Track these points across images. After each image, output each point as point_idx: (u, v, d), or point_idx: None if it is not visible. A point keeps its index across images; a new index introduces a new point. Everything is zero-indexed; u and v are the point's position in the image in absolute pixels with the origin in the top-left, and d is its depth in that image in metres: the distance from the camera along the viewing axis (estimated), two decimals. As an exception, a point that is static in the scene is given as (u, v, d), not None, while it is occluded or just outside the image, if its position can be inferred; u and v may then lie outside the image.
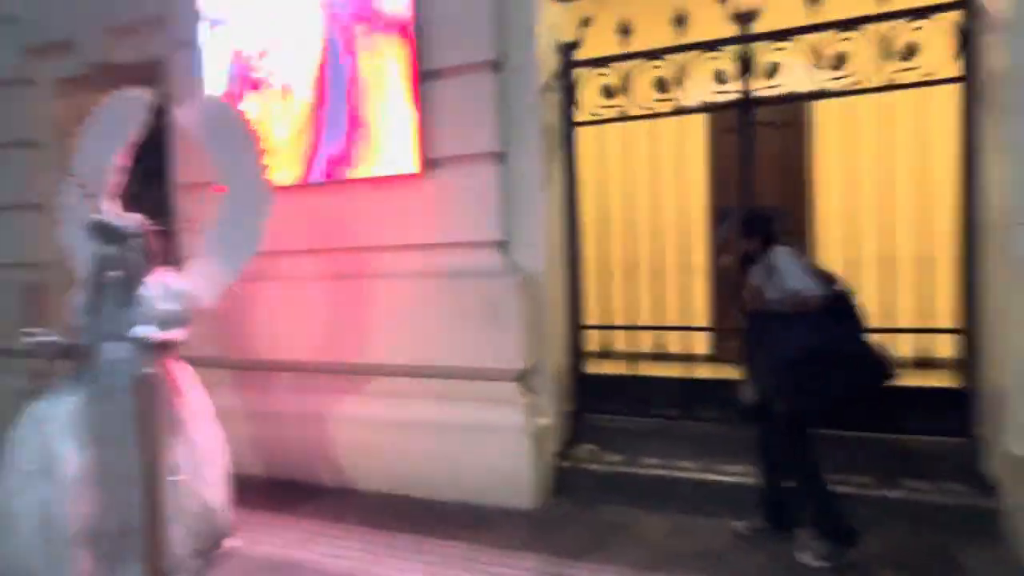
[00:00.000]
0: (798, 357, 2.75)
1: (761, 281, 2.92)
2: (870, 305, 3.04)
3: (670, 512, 3.34)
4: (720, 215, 3.11)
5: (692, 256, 4.45)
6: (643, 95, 3.76)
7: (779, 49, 3.51)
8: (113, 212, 3.06)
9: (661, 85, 3.73)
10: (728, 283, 3.18)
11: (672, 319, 4.06)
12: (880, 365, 2.82)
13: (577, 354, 3.96)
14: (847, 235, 3.82)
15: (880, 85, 3.37)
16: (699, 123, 4.94)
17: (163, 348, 2.94)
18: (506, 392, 3.60)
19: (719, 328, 3.93)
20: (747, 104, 3.62)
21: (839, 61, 3.42)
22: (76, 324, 3.03)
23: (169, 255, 3.36)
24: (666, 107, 3.75)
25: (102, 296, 2.96)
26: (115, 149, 3.33)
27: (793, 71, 3.51)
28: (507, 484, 3.50)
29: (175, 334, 2.97)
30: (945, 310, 3.46)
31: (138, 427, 2.83)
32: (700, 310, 4.58)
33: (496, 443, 3.53)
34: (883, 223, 3.91)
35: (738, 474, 3.37)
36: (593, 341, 4.05)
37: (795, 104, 4.38)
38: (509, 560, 2.96)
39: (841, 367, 2.75)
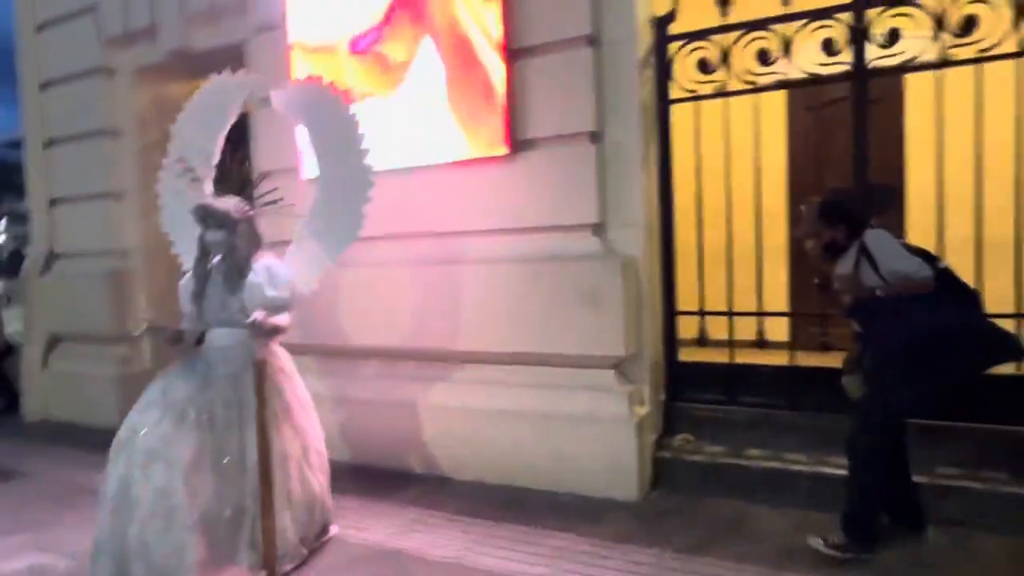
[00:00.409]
0: (917, 344, 2.56)
1: (854, 270, 2.71)
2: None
3: (782, 506, 3.19)
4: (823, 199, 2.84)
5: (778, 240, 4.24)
6: (741, 69, 3.57)
7: (900, 15, 3.27)
8: (218, 198, 3.03)
9: (764, 58, 3.53)
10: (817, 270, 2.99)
11: (772, 305, 3.87)
12: (1005, 342, 2.63)
13: (671, 341, 3.82)
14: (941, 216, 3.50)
15: (1018, 50, 3.11)
16: (780, 100, 4.70)
17: (272, 334, 2.91)
18: (606, 380, 3.50)
19: (821, 314, 3.72)
20: (863, 76, 3.39)
21: (968, 26, 3.18)
22: (184, 310, 3.03)
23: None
24: (769, 80, 3.56)
25: (209, 282, 2.95)
26: (216, 133, 3.30)
27: (902, 40, 3.26)
28: (609, 474, 3.40)
29: (283, 320, 2.94)
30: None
31: (252, 413, 2.83)
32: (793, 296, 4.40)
33: (598, 433, 3.42)
34: (978, 204, 3.56)
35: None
36: (687, 328, 3.90)
37: (888, 77, 4.03)
38: (626, 554, 2.85)
39: (964, 349, 2.59)
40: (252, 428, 2.82)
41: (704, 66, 3.63)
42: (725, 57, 3.57)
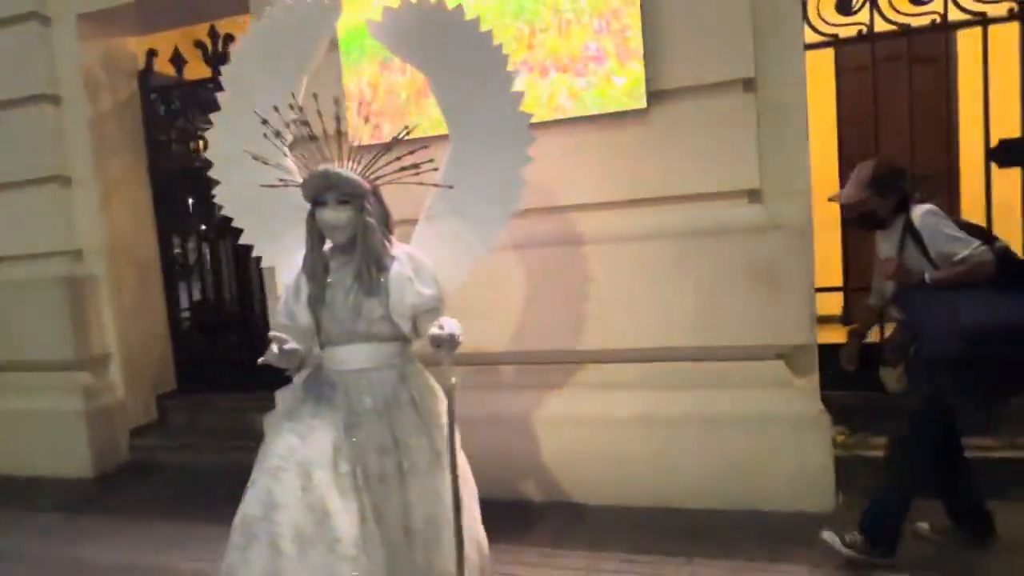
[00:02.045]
0: (975, 342, 2.21)
1: (901, 251, 2.41)
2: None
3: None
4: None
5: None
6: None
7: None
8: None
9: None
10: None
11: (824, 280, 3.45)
12: None
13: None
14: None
15: None
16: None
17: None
18: (779, 373, 2.96)
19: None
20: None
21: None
22: (281, 322, 2.16)
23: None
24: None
25: (330, 282, 2.11)
26: (298, 78, 2.42)
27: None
28: (797, 484, 2.88)
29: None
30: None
31: (416, 459, 2.05)
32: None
33: (779, 436, 2.89)
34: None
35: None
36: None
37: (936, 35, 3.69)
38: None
39: None
40: (418, 480, 2.04)
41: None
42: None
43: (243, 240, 2.49)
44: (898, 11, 3.19)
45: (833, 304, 3.89)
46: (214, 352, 4.76)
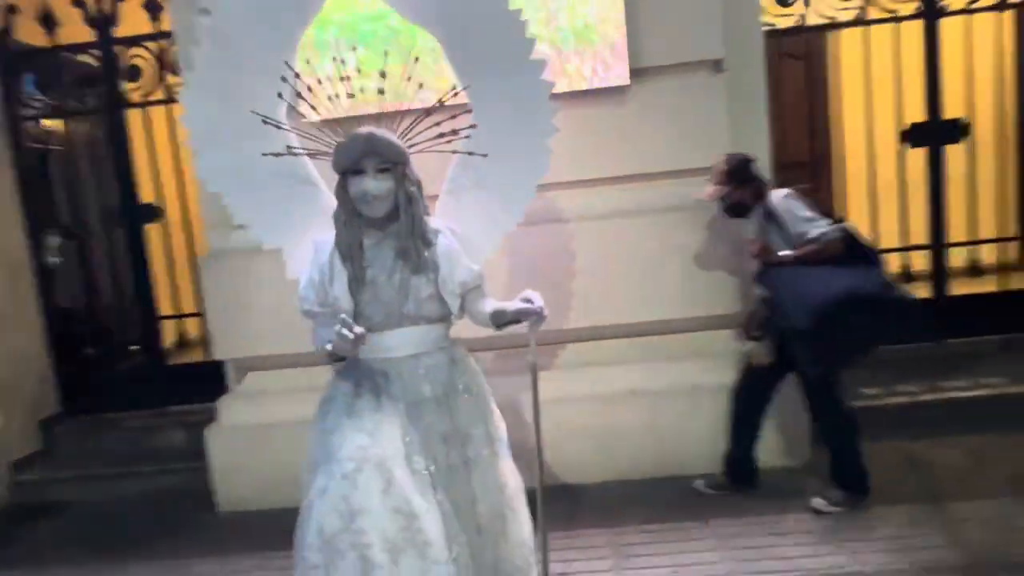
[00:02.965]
0: (828, 310, 2.47)
1: (763, 233, 2.68)
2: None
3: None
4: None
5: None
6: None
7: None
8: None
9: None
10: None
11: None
12: (908, 306, 2.62)
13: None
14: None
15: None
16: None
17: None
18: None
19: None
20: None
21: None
22: (313, 309, 1.90)
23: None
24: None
25: (367, 260, 1.88)
26: (294, 35, 2.12)
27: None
28: (782, 442, 3.08)
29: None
30: None
31: (479, 448, 1.90)
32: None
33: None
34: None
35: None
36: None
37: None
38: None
39: (874, 313, 2.52)
40: (480, 471, 1.90)
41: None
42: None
43: (237, 221, 2.15)
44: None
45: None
46: (105, 365, 4.10)
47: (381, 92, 1.91)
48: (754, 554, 2.46)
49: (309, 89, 1.94)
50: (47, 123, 4.01)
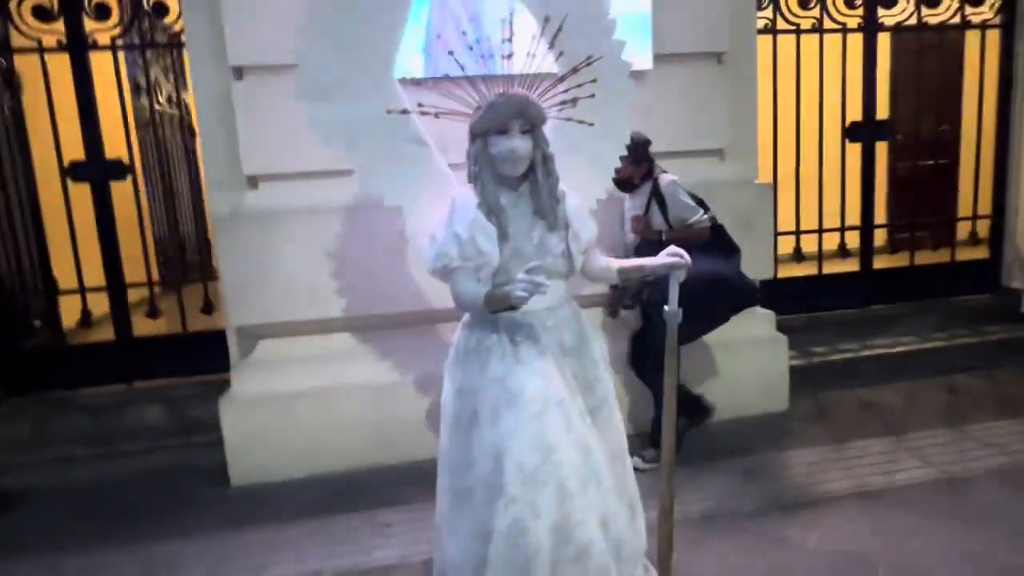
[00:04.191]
0: (696, 287, 2.65)
1: (647, 211, 2.95)
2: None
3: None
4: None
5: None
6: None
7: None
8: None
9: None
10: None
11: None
12: (751, 290, 3.03)
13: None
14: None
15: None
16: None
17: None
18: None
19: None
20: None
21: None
22: (464, 263, 1.95)
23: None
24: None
25: (505, 217, 1.97)
26: None
27: None
28: (762, 392, 3.53)
29: None
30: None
31: (605, 394, 2.07)
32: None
33: (752, 354, 3.49)
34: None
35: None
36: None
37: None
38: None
39: (729, 296, 2.92)
40: (603, 416, 2.06)
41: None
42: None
43: (357, 177, 2.11)
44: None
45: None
46: (51, 339, 3.67)
47: (561, 54, 1.99)
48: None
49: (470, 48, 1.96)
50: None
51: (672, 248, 2.04)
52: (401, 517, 2.75)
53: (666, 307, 2.09)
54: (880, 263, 4.49)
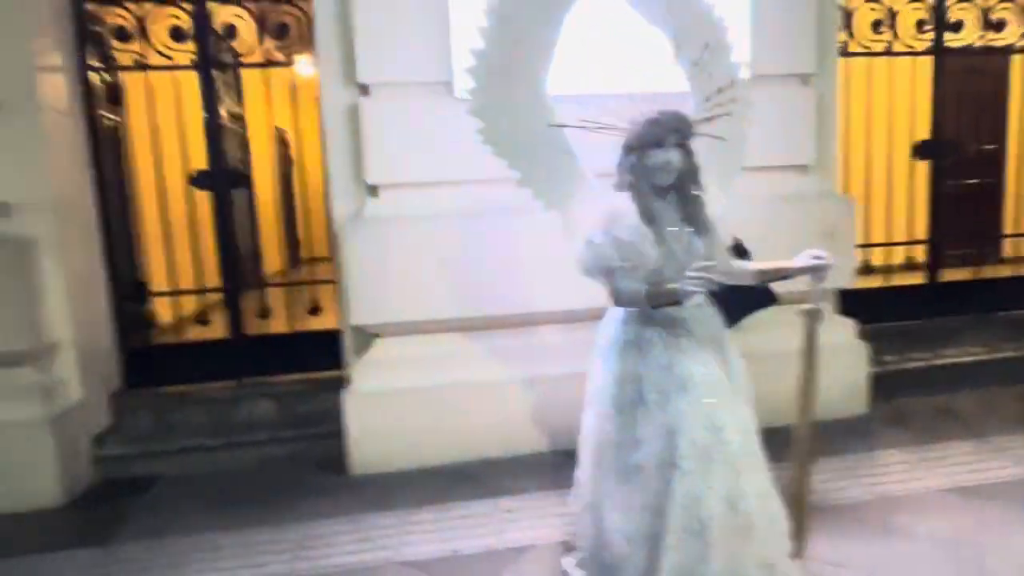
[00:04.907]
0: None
1: None
2: None
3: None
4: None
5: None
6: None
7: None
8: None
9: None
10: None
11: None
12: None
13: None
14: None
15: None
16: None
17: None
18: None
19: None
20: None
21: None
22: (625, 264, 2.15)
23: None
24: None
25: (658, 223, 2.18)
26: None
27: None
28: (845, 396, 3.69)
29: None
30: None
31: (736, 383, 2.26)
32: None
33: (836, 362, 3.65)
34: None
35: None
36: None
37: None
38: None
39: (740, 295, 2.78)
40: (743, 397, 2.25)
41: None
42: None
43: (522, 185, 2.33)
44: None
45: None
46: (170, 336, 3.91)
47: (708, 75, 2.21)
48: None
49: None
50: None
51: (810, 251, 2.24)
52: (520, 504, 2.93)
53: (803, 306, 2.28)
54: (945, 276, 4.66)
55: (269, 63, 3.74)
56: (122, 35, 3.54)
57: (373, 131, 3.29)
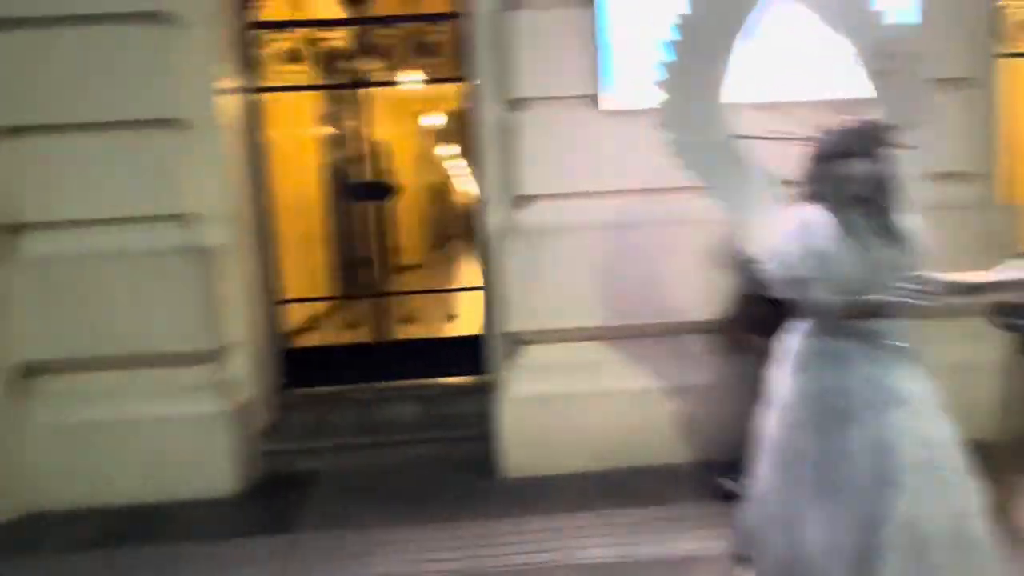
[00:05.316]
0: None
1: None
2: None
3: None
4: None
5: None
6: None
7: None
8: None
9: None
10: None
11: None
12: None
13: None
14: None
15: None
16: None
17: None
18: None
19: None
20: None
21: None
22: (815, 275, 2.14)
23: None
24: None
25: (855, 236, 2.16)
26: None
27: None
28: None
29: None
30: None
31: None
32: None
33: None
34: None
35: None
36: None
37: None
38: None
39: None
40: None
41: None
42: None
43: (708, 195, 2.37)
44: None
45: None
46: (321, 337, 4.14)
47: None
48: None
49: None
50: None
51: (1010, 262, 2.17)
52: (680, 513, 2.94)
53: (1007, 319, 2.21)
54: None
55: (414, 81, 3.92)
56: (285, 57, 3.79)
57: (526, 144, 3.39)
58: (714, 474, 2.97)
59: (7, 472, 3.21)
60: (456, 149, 9.65)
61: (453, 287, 4.33)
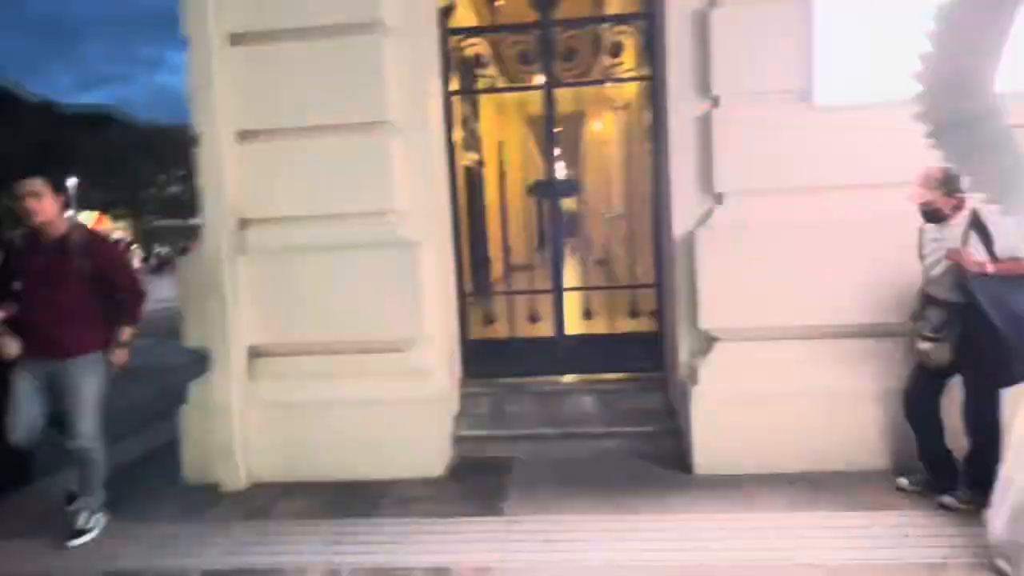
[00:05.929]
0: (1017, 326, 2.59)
1: (964, 241, 2.76)
2: None
3: None
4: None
5: None
6: None
7: None
8: None
9: None
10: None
11: None
12: None
13: None
14: None
15: None
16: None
17: None
18: None
19: None
20: None
21: None
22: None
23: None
24: None
25: None
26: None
27: None
28: None
29: None
30: None
31: None
32: None
33: None
34: None
35: None
36: None
37: None
38: None
39: None
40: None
41: None
42: None
43: (973, 189, 2.28)
44: None
45: None
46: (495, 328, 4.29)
47: None
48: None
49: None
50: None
51: None
52: (901, 520, 2.83)
53: None
54: None
55: (604, 80, 3.99)
56: (479, 61, 3.96)
57: (723, 140, 3.38)
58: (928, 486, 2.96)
59: (241, 447, 3.54)
60: (642, 148, 9.63)
61: (630, 284, 4.33)
